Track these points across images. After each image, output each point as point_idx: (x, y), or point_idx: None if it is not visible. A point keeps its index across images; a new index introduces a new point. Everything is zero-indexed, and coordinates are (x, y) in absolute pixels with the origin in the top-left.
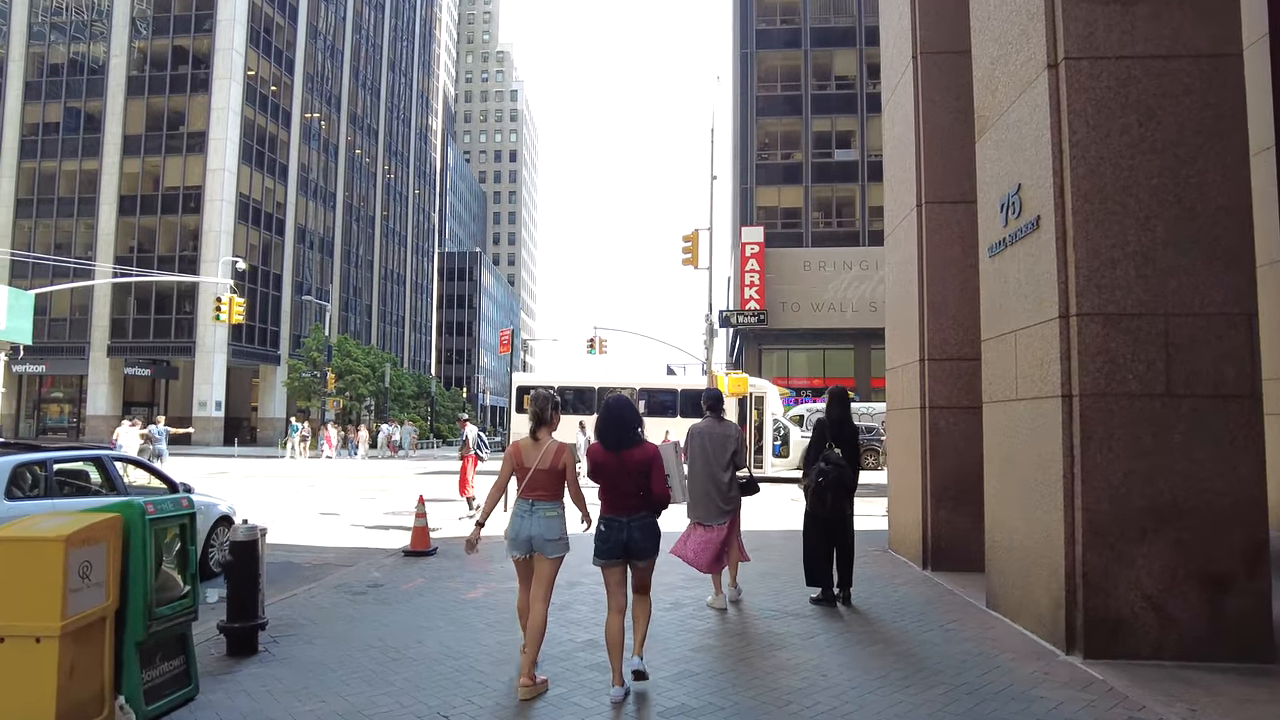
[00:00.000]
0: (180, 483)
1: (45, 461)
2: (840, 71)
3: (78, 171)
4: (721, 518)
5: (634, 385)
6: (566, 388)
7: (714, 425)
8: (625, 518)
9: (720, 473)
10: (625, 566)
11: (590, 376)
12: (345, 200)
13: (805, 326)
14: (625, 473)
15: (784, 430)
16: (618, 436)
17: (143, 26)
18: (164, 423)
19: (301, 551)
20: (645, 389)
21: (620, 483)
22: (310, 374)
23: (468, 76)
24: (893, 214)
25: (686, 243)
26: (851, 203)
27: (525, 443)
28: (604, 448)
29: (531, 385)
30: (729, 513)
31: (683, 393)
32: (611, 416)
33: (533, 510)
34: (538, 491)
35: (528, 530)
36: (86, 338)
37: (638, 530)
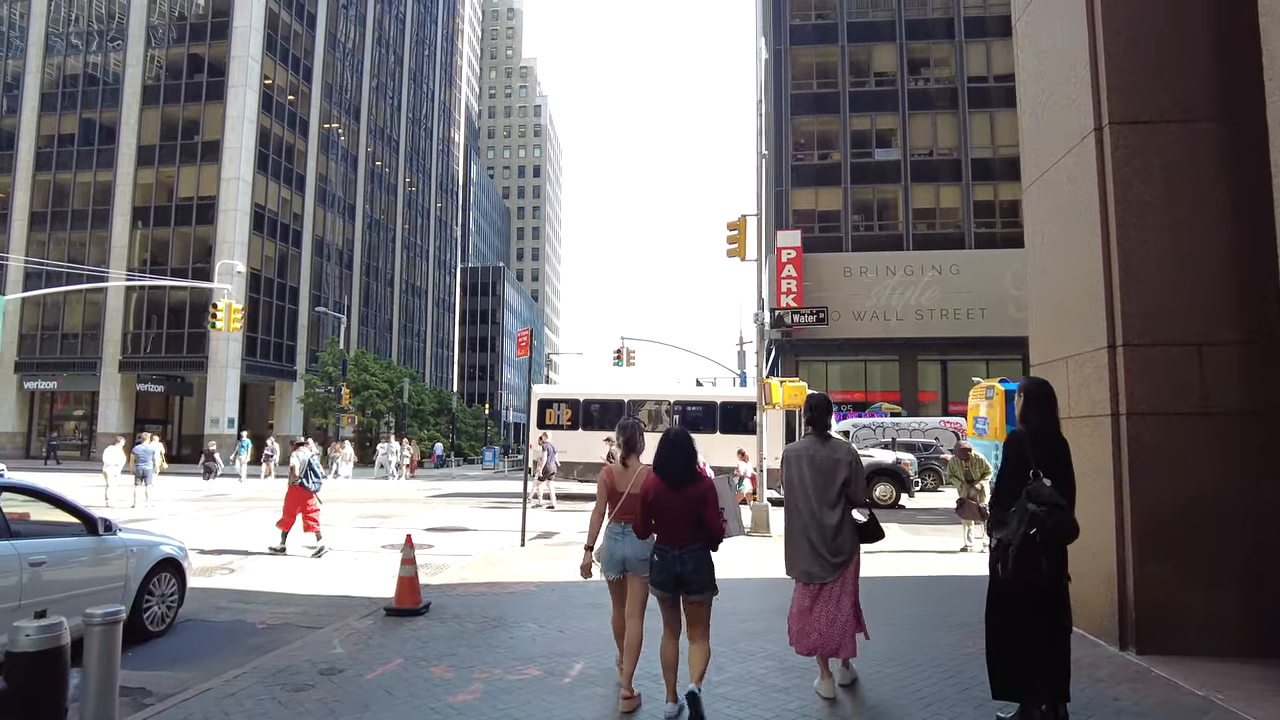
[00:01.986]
0: (102, 519)
1: None
2: (879, 67)
3: (92, 183)
4: (830, 572)
5: (667, 397)
6: (593, 400)
7: (816, 447)
8: (677, 550)
9: (827, 512)
10: (679, 602)
11: (618, 388)
12: (365, 212)
13: (846, 336)
14: (681, 505)
15: None
16: (677, 469)
17: (158, 35)
18: (151, 441)
19: (263, 602)
20: (680, 402)
21: (674, 514)
22: (325, 390)
23: (491, 92)
24: (1040, 150)
25: (732, 230)
26: (894, 205)
27: (617, 469)
28: (661, 479)
29: (553, 397)
30: (840, 566)
31: (722, 406)
32: (671, 449)
33: (625, 533)
34: (630, 515)
35: (622, 552)
36: (98, 353)
37: (690, 562)
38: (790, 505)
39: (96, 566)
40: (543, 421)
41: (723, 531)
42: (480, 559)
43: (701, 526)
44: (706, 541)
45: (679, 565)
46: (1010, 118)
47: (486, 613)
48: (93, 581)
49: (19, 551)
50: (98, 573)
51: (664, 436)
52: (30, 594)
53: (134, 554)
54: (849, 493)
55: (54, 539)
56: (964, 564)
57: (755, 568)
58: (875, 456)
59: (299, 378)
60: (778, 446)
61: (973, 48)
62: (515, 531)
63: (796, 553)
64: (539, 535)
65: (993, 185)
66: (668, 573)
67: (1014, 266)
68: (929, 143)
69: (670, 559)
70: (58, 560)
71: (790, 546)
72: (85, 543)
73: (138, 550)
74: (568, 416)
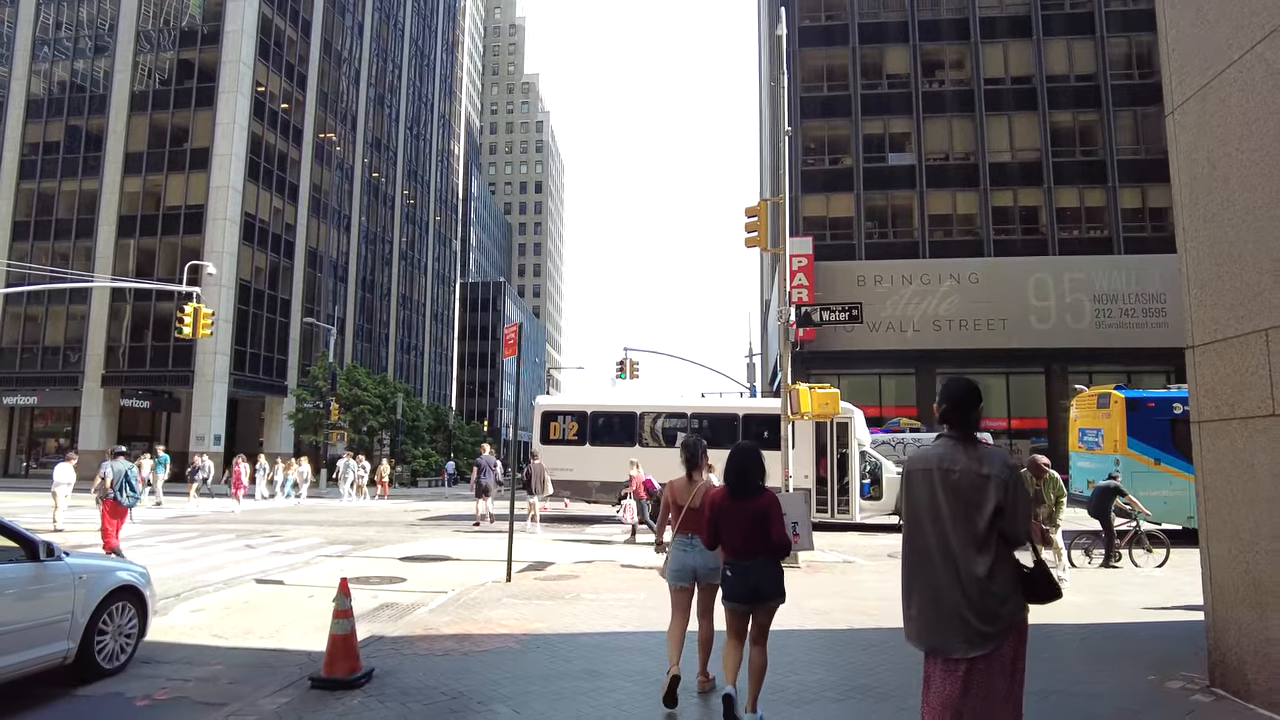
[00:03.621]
0: (43, 542)
1: None
2: (892, 69)
3: (77, 192)
4: (978, 645)
5: (685, 409)
6: (603, 412)
7: (953, 455)
8: (748, 562)
9: (970, 555)
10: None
11: (630, 399)
12: (361, 224)
13: (860, 348)
14: (747, 518)
15: (874, 464)
16: (743, 483)
17: (148, 40)
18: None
19: (173, 659)
20: (700, 414)
21: (739, 526)
22: (314, 405)
23: (493, 108)
24: (1205, 49)
25: (750, 217)
26: (908, 211)
27: (680, 483)
28: (728, 493)
29: (559, 409)
30: (992, 638)
31: (745, 418)
32: (737, 464)
33: (693, 544)
34: (695, 527)
35: (693, 562)
36: (80, 367)
37: (759, 573)
38: (912, 541)
39: (35, 598)
40: (546, 436)
41: (789, 543)
42: (455, 599)
43: (768, 538)
44: (773, 553)
45: (753, 576)
46: (1029, 121)
47: (446, 684)
48: (30, 615)
49: None
50: (37, 605)
51: (731, 450)
52: None
53: (83, 582)
54: (1003, 526)
55: None
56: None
57: (794, 611)
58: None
59: (290, 393)
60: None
61: (989, 49)
62: (504, 561)
63: (924, 611)
64: (529, 566)
65: (1012, 191)
66: (742, 586)
67: (1035, 274)
68: (944, 147)
69: (741, 571)
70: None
71: (914, 601)
72: (24, 569)
73: (88, 577)
74: (574, 430)
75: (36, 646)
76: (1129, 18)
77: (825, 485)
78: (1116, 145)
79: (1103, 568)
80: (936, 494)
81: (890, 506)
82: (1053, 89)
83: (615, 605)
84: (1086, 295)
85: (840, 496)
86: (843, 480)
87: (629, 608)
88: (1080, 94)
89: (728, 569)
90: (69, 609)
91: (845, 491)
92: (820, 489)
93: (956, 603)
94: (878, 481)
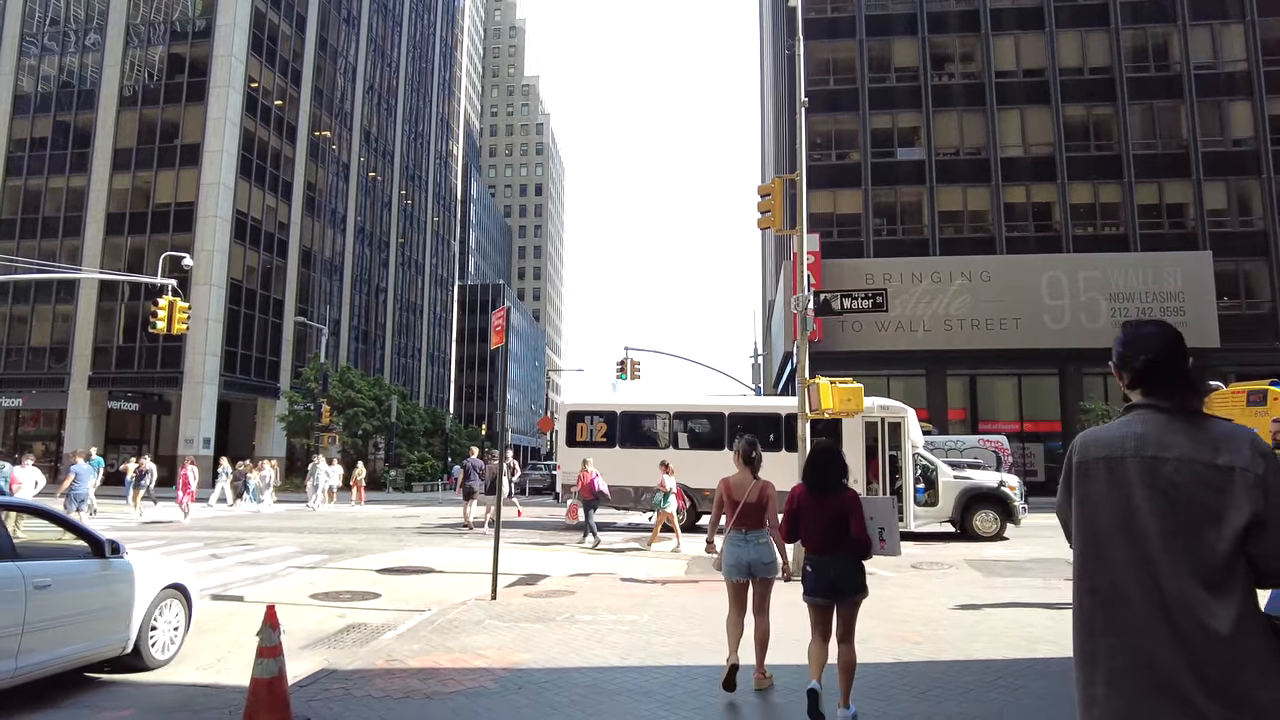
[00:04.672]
0: (109, 541)
1: None
2: (900, 62)
3: (65, 188)
4: None
5: (721, 409)
6: (633, 412)
7: (1163, 431)
8: (829, 557)
9: (1203, 598)
10: (832, 607)
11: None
12: (357, 223)
13: (869, 349)
14: (827, 515)
15: (929, 467)
16: (825, 481)
17: (138, 34)
18: (84, 460)
19: (77, 698)
20: (739, 414)
21: (819, 522)
22: (304, 407)
23: (493, 110)
24: None
25: (763, 196)
26: (918, 207)
27: (735, 479)
28: (808, 489)
29: (586, 409)
30: None
31: (788, 418)
32: (818, 462)
33: (747, 539)
34: (749, 522)
35: (747, 557)
36: (67, 369)
37: (839, 568)
38: (1092, 575)
39: (103, 590)
40: (573, 438)
41: (869, 541)
42: (430, 620)
43: (848, 535)
44: (854, 551)
45: (833, 570)
46: (1042, 114)
47: None
48: (100, 606)
49: (24, 573)
50: (105, 597)
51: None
52: (35, 619)
53: (141, 578)
54: (1262, 551)
55: (59, 561)
56: None
57: None
58: (973, 477)
59: (282, 395)
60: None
61: (1000, 41)
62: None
63: (1120, 687)
64: (519, 580)
65: (1024, 186)
66: (822, 580)
67: (1049, 272)
68: (954, 142)
69: (822, 566)
70: (64, 584)
71: (1101, 672)
72: (91, 565)
73: (145, 574)
74: (602, 432)
75: (102, 636)
76: (1143, 9)
77: (876, 489)
78: (1132, 139)
79: None
80: (1134, 498)
81: (946, 512)
82: (1065, 82)
83: (614, 630)
84: (1102, 294)
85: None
86: (896, 484)
87: (631, 633)
88: (1094, 87)
89: (808, 564)
90: (129, 602)
91: (898, 497)
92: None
93: (1177, 675)
94: (932, 485)
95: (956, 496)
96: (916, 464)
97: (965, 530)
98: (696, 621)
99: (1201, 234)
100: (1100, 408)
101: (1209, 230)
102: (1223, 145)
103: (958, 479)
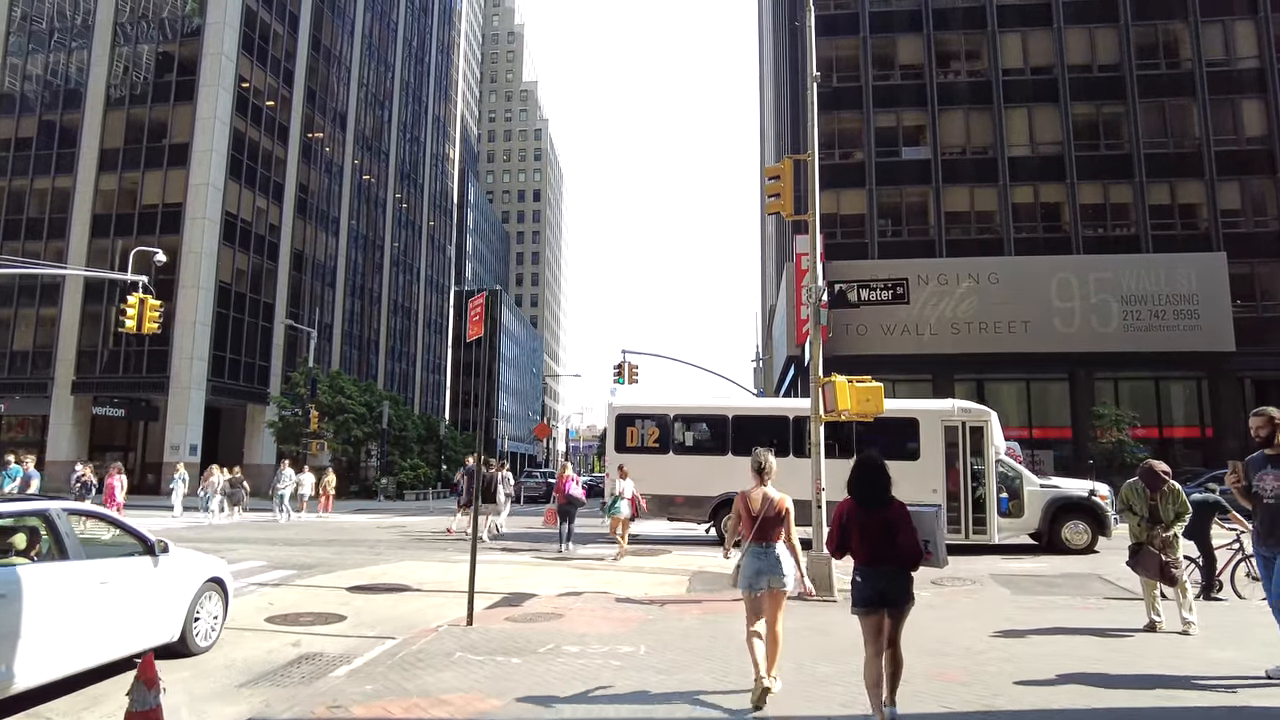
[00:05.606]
0: (157, 540)
1: None
2: (905, 60)
3: (50, 189)
4: None
5: (786, 411)
6: (690, 415)
7: None
8: (879, 569)
9: None
10: (883, 615)
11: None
12: (351, 227)
13: (874, 353)
14: (876, 528)
15: (1012, 476)
16: (872, 494)
17: (125, 32)
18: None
19: None
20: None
21: (868, 534)
22: (292, 413)
23: (491, 115)
24: None
25: (772, 179)
26: (924, 208)
27: (754, 494)
28: (856, 502)
29: (637, 412)
30: None
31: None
32: (865, 475)
33: (766, 552)
34: (769, 535)
35: (766, 569)
36: (50, 373)
37: (893, 579)
38: None
39: (155, 584)
40: (622, 443)
41: (919, 554)
42: (392, 652)
43: (898, 547)
44: (903, 562)
45: (884, 582)
46: (1050, 113)
47: None
48: (153, 599)
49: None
50: (157, 591)
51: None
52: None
53: (186, 572)
54: None
55: (117, 558)
56: (1167, 658)
57: (853, 673)
58: (1061, 486)
59: (272, 401)
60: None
61: (1007, 38)
62: (475, 593)
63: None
64: (502, 600)
65: (1032, 186)
66: (872, 590)
67: (1059, 274)
68: (960, 141)
69: (871, 577)
70: (123, 579)
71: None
72: (145, 561)
73: (190, 569)
74: (655, 436)
75: (159, 627)
76: (1152, 4)
77: (957, 500)
78: (1143, 138)
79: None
80: None
81: (1033, 524)
82: (1074, 79)
83: (606, 665)
84: (1113, 296)
85: (977, 515)
86: (977, 493)
87: (625, 669)
88: (1104, 85)
89: (857, 575)
90: (177, 595)
91: (980, 508)
92: (951, 504)
93: None
94: (1016, 495)
95: (1044, 506)
96: (1002, 471)
97: (1053, 543)
98: (700, 653)
99: (1215, 235)
100: (1112, 413)
101: (1223, 231)
102: (1236, 144)
103: (1044, 487)
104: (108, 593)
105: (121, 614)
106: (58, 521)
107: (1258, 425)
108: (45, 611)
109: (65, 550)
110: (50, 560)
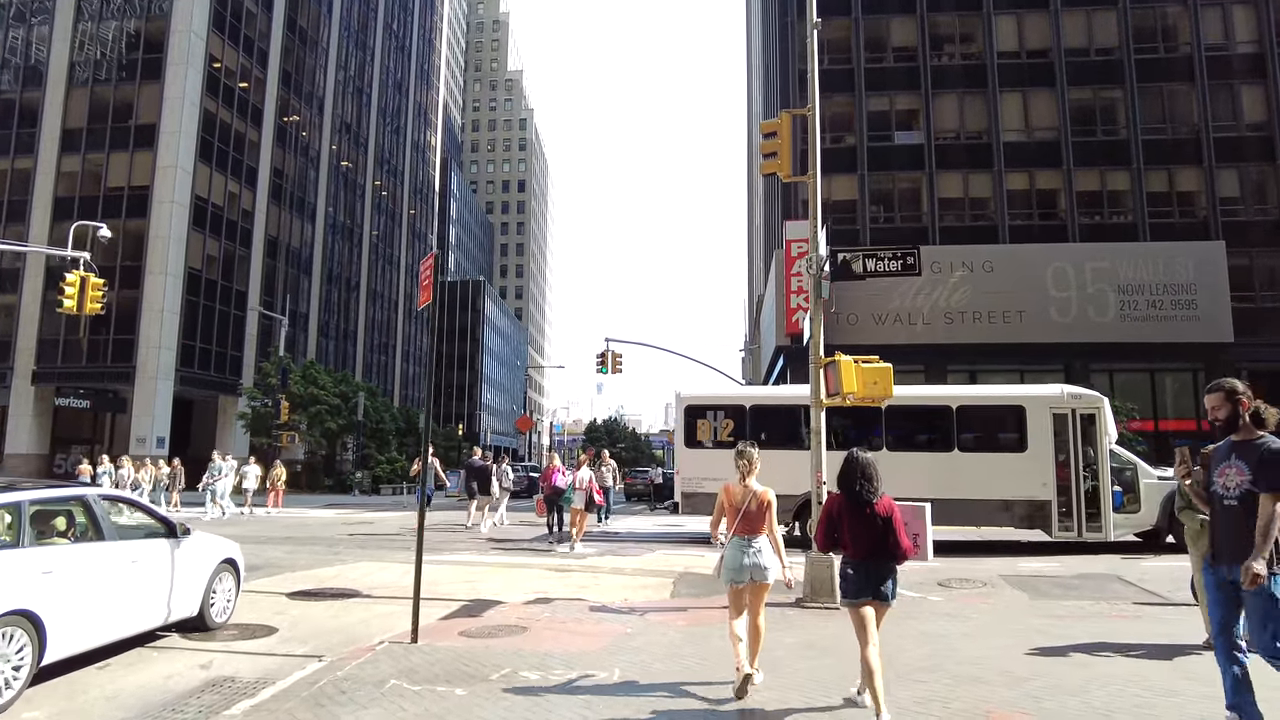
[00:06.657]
0: (179, 523)
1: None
2: (899, 42)
3: (9, 171)
4: None
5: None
6: (767, 407)
7: None
8: (870, 562)
9: None
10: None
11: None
12: (328, 213)
13: (865, 343)
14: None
15: (1128, 467)
16: (864, 490)
17: (90, 6)
18: None
19: None
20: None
21: (861, 533)
22: (263, 404)
23: (475, 105)
24: None
25: (768, 136)
26: (916, 194)
27: (737, 487)
28: (846, 498)
29: (709, 403)
30: None
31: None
32: (857, 472)
33: (749, 545)
34: (752, 528)
35: (748, 563)
36: (9, 362)
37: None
38: None
39: (178, 564)
40: (692, 437)
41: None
42: (312, 678)
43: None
44: (893, 557)
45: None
46: (1046, 97)
47: None
48: (176, 577)
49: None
50: (179, 570)
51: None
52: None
53: (204, 553)
54: None
55: (145, 540)
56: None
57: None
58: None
59: (243, 391)
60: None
61: (1002, 20)
62: (432, 600)
63: None
64: (461, 609)
65: (1027, 172)
66: (861, 581)
67: (1055, 263)
68: (954, 125)
69: (862, 569)
70: (150, 559)
71: None
72: (169, 543)
73: (207, 550)
74: (728, 430)
75: (182, 603)
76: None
77: (1068, 494)
78: (1141, 124)
79: None
80: None
81: (1151, 519)
82: (1071, 63)
83: (569, 701)
84: (1110, 286)
85: (1089, 510)
86: (1091, 486)
87: (589, 708)
88: (1101, 68)
89: (848, 568)
90: (197, 574)
91: (1094, 502)
92: (1062, 499)
93: None
94: (1131, 489)
95: (1163, 501)
96: (1117, 463)
97: (1176, 539)
98: (686, 675)
99: (1214, 223)
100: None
101: (1221, 219)
102: (1235, 130)
103: (1162, 480)
104: (138, 570)
105: (149, 590)
106: (94, 506)
107: (1214, 405)
108: (86, 586)
109: (102, 532)
110: (88, 541)
